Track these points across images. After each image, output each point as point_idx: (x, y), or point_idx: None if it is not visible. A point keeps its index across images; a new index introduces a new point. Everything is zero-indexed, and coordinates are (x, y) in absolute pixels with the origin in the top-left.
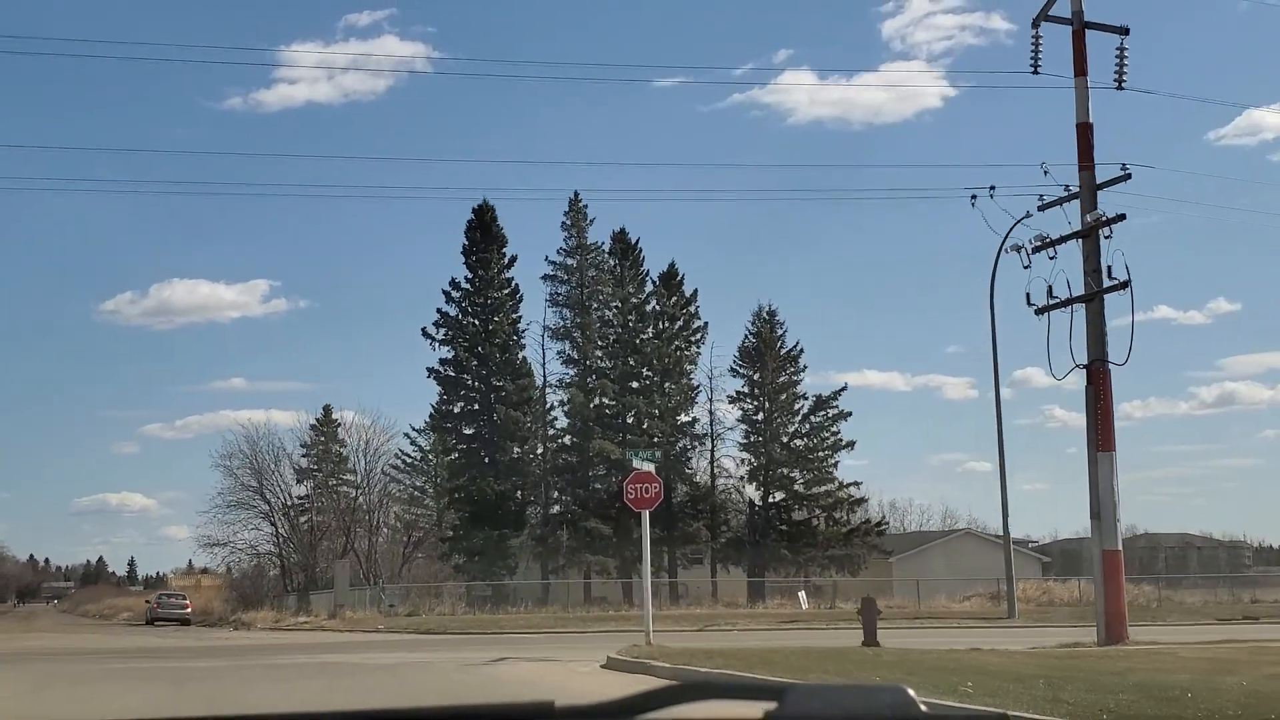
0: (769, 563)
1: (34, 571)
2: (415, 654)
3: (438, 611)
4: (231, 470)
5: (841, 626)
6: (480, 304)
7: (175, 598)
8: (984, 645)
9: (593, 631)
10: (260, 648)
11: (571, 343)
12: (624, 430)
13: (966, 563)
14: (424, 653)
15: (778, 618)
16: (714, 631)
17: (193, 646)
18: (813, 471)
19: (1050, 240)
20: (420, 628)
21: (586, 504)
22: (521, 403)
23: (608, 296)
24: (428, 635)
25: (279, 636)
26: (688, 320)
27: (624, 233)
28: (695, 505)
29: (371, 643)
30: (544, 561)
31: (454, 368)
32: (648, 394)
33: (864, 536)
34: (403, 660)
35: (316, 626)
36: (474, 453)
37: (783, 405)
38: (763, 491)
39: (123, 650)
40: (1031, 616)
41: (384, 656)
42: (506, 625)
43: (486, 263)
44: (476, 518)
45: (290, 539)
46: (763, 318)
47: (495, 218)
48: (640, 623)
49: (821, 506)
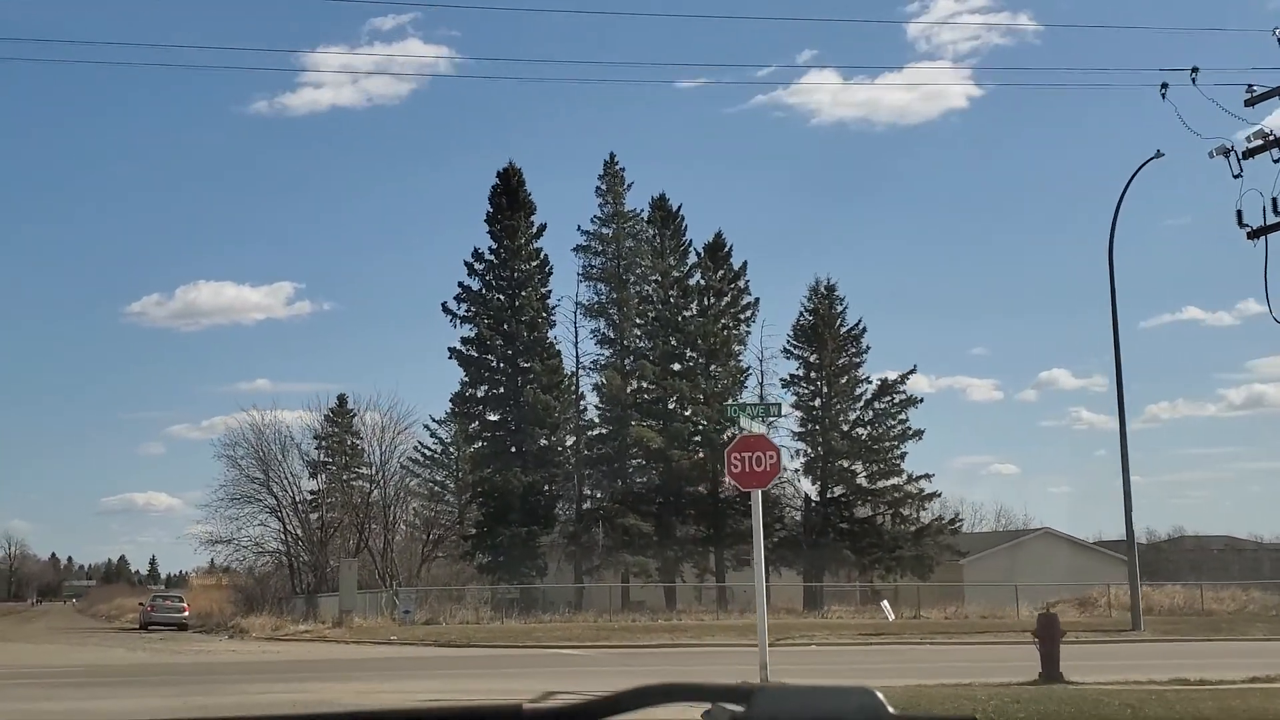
0: (827, 565)
1: (55, 570)
2: (431, 682)
3: (459, 619)
4: (236, 461)
5: (940, 641)
6: (506, 277)
7: (171, 600)
8: (1187, 675)
9: (645, 647)
10: (236, 668)
11: (606, 320)
12: (664, 417)
13: (1045, 566)
14: (441, 680)
15: (857, 629)
16: (791, 647)
17: (147, 664)
18: (877, 463)
19: (1276, 138)
20: (440, 638)
21: (624, 498)
22: (551, 386)
23: (646, 269)
24: (448, 648)
25: (271, 649)
26: (736, 296)
27: (664, 199)
28: (744, 501)
29: (378, 661)
30: (577, 562)
31: (477, 347)
32: (691, 377)
33: (935, 535)
34: (410, 696)
35: (319, 636)
36: (499, 441)
37: (843, 390)
38: (820, 486)
39: (50, 672)
40: (1158, 629)
41: (388, 688)
42: (540, 636)
43: (513, 232)
44: (502, 513)
45: (300, 537)
46: (820, 293)
47: (523, 182)
48: (700, 634)
49: (887, 502)
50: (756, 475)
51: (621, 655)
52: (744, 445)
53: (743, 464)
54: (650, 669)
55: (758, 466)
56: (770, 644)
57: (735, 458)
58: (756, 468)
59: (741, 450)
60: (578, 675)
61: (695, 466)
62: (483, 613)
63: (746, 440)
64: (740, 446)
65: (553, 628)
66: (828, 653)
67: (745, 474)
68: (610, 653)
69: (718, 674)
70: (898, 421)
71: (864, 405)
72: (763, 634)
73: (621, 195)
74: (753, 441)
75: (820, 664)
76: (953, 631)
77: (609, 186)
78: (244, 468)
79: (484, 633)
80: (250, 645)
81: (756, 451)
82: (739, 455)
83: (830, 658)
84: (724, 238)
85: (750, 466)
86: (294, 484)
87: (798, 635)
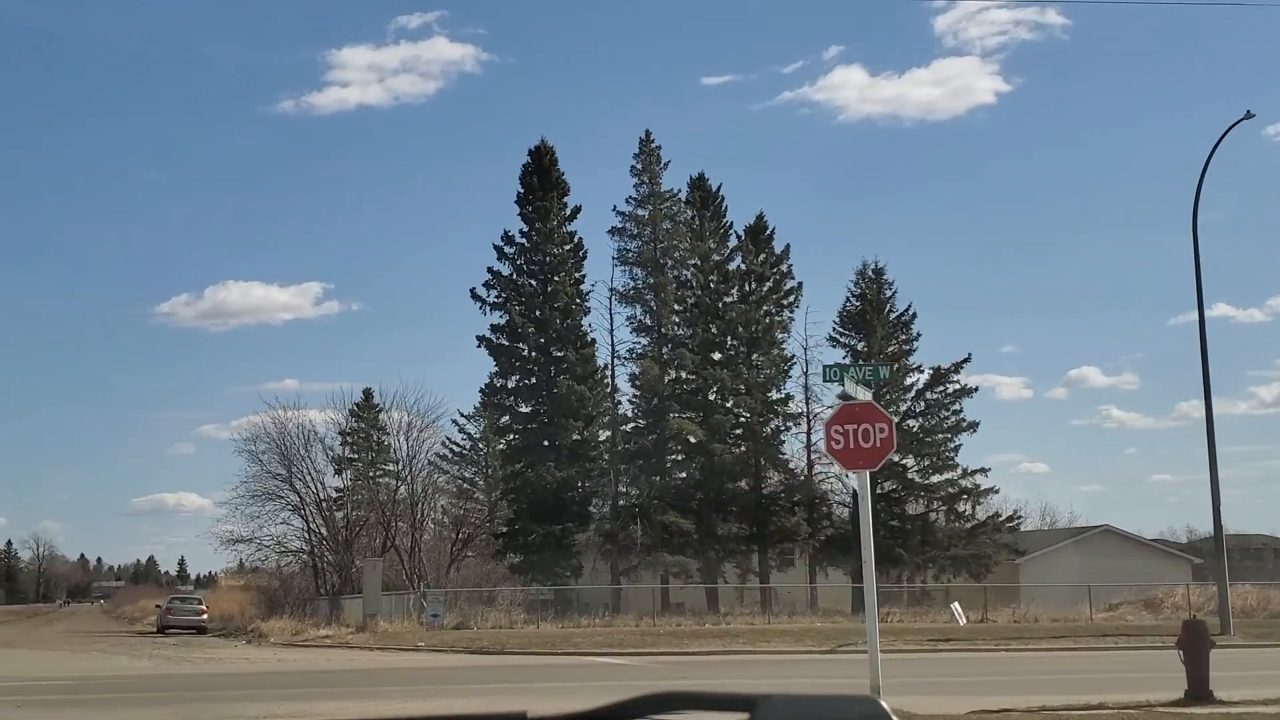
0: (878, 565)
1: (84, 571)
2: (462, 700)
3: (491, 623)
4: (257, 456)
5: (1017, 648)
6: (538, 261)
7: (189, 602)
8: None
9: (694, 655)
10: (243, 680)
11: (643, 307)
12: (704, 409)
13: (1106, 565)
14: (474, 697)
15: (923, 634)
16: (855, 654)
17: (147, 674)
18: (930, 457)
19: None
20: (471, 644)
21: (663, 494)
22: (585, 376)
23: (685, 253)
24: (481, 655)
25: (288, 657)
26: (778, 281)
27: (703, 178)
28: (789, 497)
29: (402, 671)
30: (613, 562)
31: (507, 335)
32: (732, 366)
33: (992, 533)
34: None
35: (340, 641)
36: (531, 434)
37: (893, 380)
38: (870, 481)
39: (35, 686)
40: (1248, 633)
41: (412, 708)
42: (580, 642)
43: (545, 214)
44: (534, 510)
45: (325, 536)
46: (868, 277)
47: (555, 161)
48: (752, 640)
49: (941, 498)
50: (863, 453)
51: (673, 665)
52: (847, 416)
53: (845, 439)
54: (714, 683)
55: (865, 442)
56: (829, 650)
57: (837, 431)
58: (863, 443)
59: (844, 422)
60: (629, 691)
61: (737, 461)
62: (515, 615)
63: (850, 410)
64: (843, 417)
65: (592, 633)
66: (907, 662)
67: (849, 451)
68: (660, 662)
69: (798, 688)
70: (951, 413)
71: (915, 396)
72: (874, 647)
73: (658, 175)
74: (858, 411)
75: (917, 676)
76: (1027, 636)
77: (645, 165)
78: (265, 463)
79: (518, 638)
80: (266, 652)
81: (864, 423)
82: (841, 428)
83: (919, 669)
84: (765, 220)
85: (855, 442)
86: (318, 480)
87: (859, 641)
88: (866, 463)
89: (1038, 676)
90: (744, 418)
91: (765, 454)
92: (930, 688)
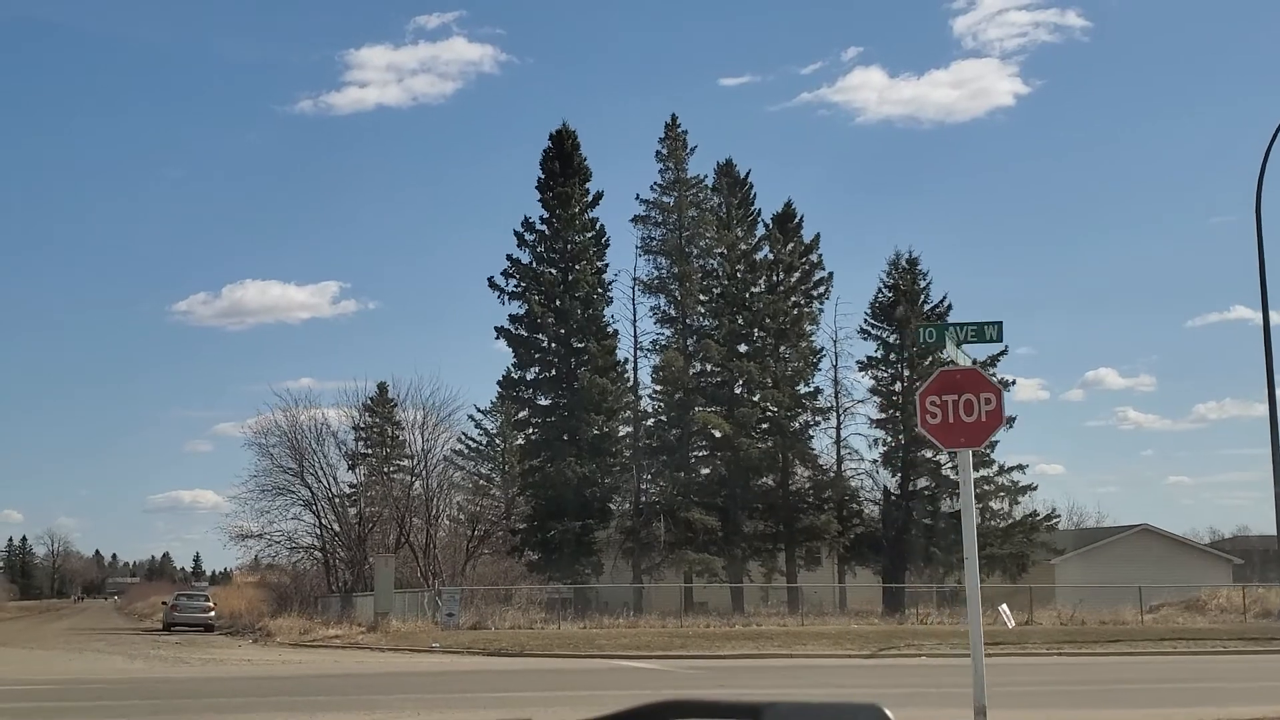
0: (910, 564)
1: (99, 567)
2: (480, 712)
3: (509, 623)
4: (267, 450)
5: (1071, 652)
6: (559, 249)
7: (196, 599)
8: None
9: (727, 658)
10: (240, 685)
11: (667, 297)
12: (730, 402)
13: (1144, 565)
14: (493, 708)
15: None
16: (898, 659)
17: (136, 678)
18: None
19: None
20: (488, 645)
21: (687, 490)
22: (607, 368)
23: (711, 242)
24: (498, 658)
25: (293, 658)
26: (808, 271)
27: (731, 164)
28: (818, 494)
29: (415, 676)
30: (635, 560)
31: (526, 326)
32: (759, 359)
33: (1030, 532)
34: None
35: (350, 641)
36: (550, 428)
37: (927, 373)
38: (901, 478)
39: (13, 692)
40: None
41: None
42: (604, 644)
43: (566, 200)
44: (554, 506)
45: (338, 532)
46: (901, 267)
47: (577, 145)
48: (787, 643)
49: (976, 496)
50: (965, 428)
51: (708, 672)
52: (946, 384)
53: (944, 411)
54: (759, 694)
55: (967, 415)
56: (870, 655)
57: (933, 402)
58: (965, 416)
59: (942, 390)
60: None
61: (764, 456)
62: (534, 615)
63: (949, 378)
64: (940, 386)
65: (616, 634)
66: (965, 669)
67: (947, 426)
68: (692, 667)
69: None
70: None
71: None
72: (979, 660)
73: (684, 160)
74: (960, 379)
75: (993, 685)
76: (1079, 640)
77: (670, 150)
78: (275, 457)
79: (538, 639)
80: (270, 653)
81: (965, 393)
82: (938, 399)
83: (996, 677)
84: (794, 207)
85: (956, 415)
86: (330, 475)
87: (903, 645)
88: (969, 439)
89: (1126, 686)
90: (771, 412)
91: (793, 449)
92: (1021, 699)
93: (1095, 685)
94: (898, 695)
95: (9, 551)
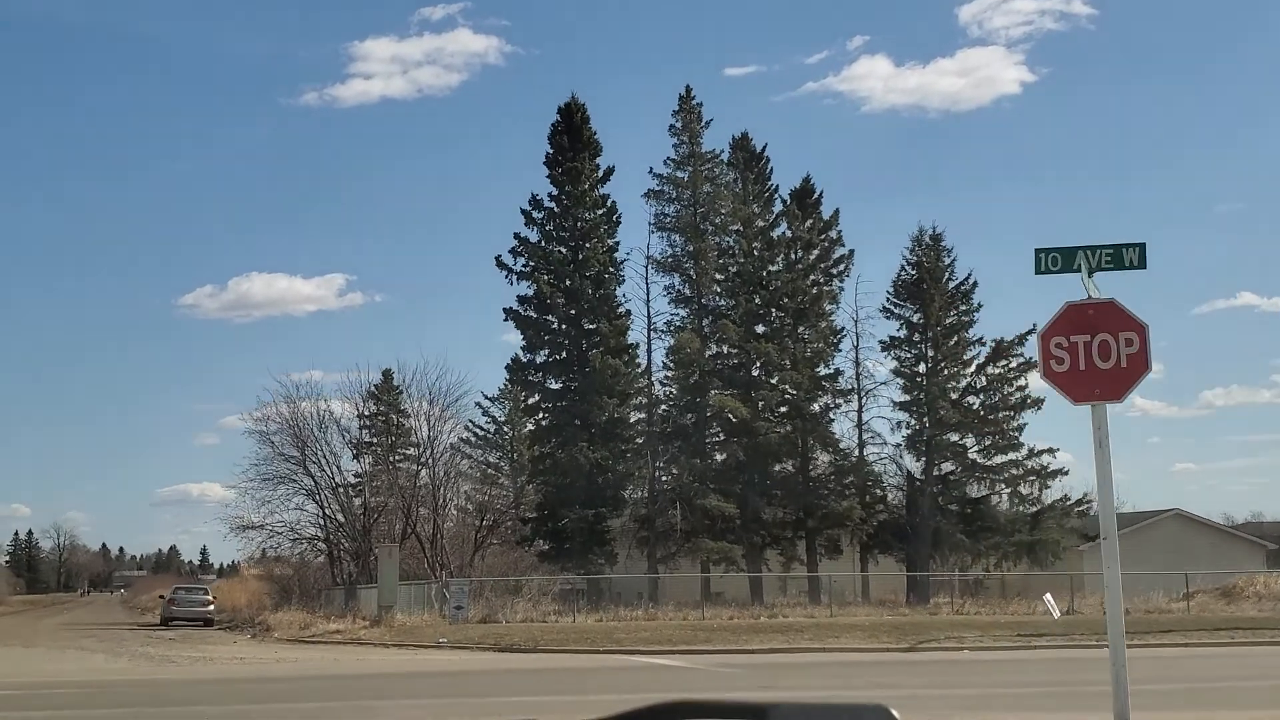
0: (935, 551)
1: (105, 561)
2: (499, 717)
3: (521, 616)
4: (268, 437)
5: (1134, 643)
6: (569, 227)
7: (195, 592)
8: None
9: (755, 653)
10: (225, 690)
11: (682, 276)
12: (747, 385)
13: (1178, 552)
14: (510, 716)
15: (1012, 629)
16: (939, 652)
17: (113, 680)
18: (992, 436)
19: None
20: (499, 640)
21: (703, 476)
22: (620, 350)
23: (727, 218)
24: (510, 654)
25: (290, 656)
26: (827, 248)
27: (747, 138)
28: (839, 479)
29: (420, 677)
30: (650, 549)
31: (536, 307)
32: (778, 339)
33: (1060, 518)
34: None
35: (352, 637)
36: (561, 413)
37: (951, 353)
38: (926, 462)
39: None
40: None
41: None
42: (622, 638)
43: (575, 175)
44: (565, 494)
45: (342, 523)
46: (925, 243)
47: (587, 119)
48: (819, 636)
49: (1004, 480)
50: (1100, 377)
51: (746, 670)
52: (1076, 322)
53: (1072, 356)
54: (812, 696)
55: (1103, 360)
56: (909, 648)
57: (1058, 346)
58: (1101, 362)
59: (1070, 331)
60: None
61: (783, 440)
62: (546, 607)
63: (1079, 314)
64: (1067, 324)
65: (634, 627)
66: (1027, 663)
67: (1078, 375)
68: (726, 665)
69: (941, 705)
70: (1015, 388)
71: (976, 370)
72: (1119, 661)
73: (699, 134)
74: (1093, 315)
75: (1083, 684)
76: (1131, 631)
77: (685, 124)
78: (277, 445)
79: (552, 633)
80: (266, 650)
81: (1101, 332)
82: (1065, 341)
83: (1056, 672)
84: (813, 182)
85: (1088, 359)
86: (333, 464)
87: (941, 637)
88: (1106, 392)
89: (1233, 682)
90: (790, 394)
91: (813, 433)
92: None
93: (1187, 682)
94: (972, 697)
95: (15, 545)
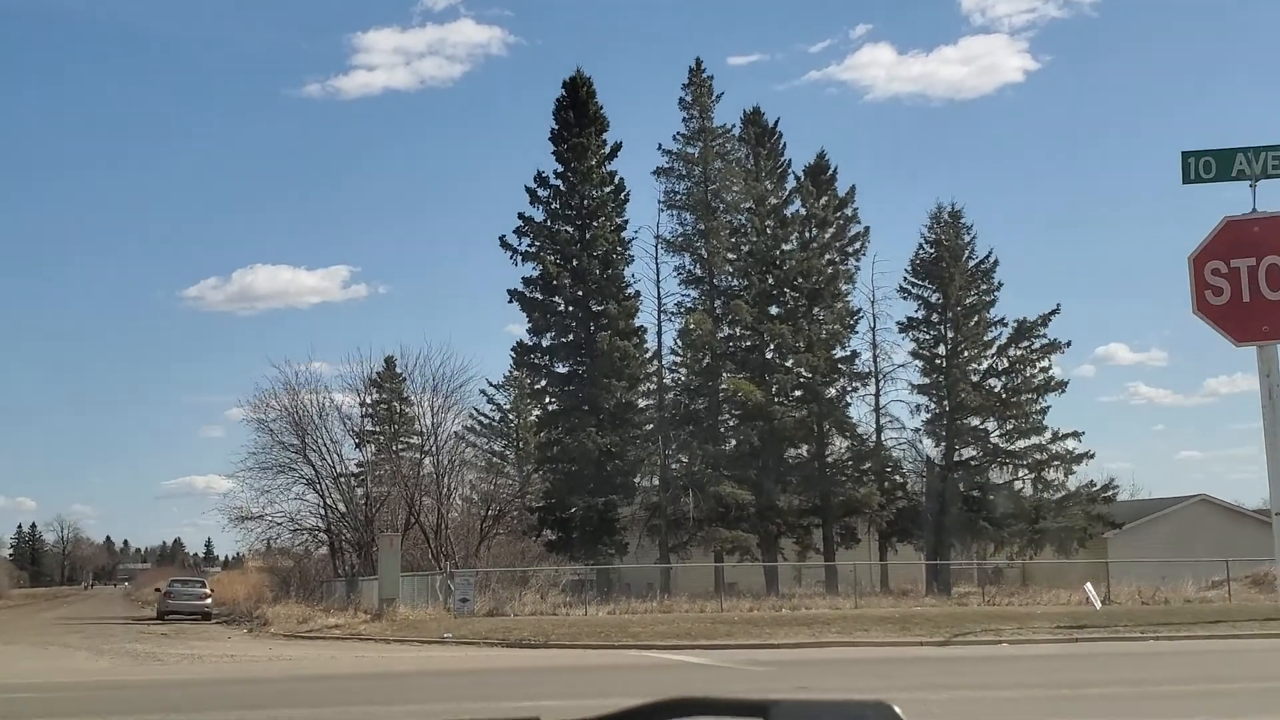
0: (956, 539)
1: (109, 553)
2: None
3: (530, 609)
4: (267, 425)
5: (1170, 635)
6: (575, 205)
7: (191, 585)
8: None
9: (783, 646)
10: (207, 693)
11: (692, 255)
12: (761, 368)
13: (1204, 538)
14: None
15: (1051, 620)
16: (974, 645)
17: (86, 682)
18: (1014, 420)
19: None
20: (507, 635)
21: (716, 462)
22: (629, 332)
23: (738, 196)
24: (519, 650)
25: (284, 653)
26: (842, 226)
27: (759, 113)
28: (857, 465)
29: (422, 678)
30: (662, 538)
31: (541, 288)
32: (792, 321)
33: (1086, 504)
34: None
35: (352, 632)
36: (569, 397)
37: (972, 334)
38: (946, 447)
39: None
40: None
41: None
42: (638, 632)
43: (582, 152)
44: (573, 481)
45: (344, 513)
46: (943, 220)
47: (593, 93)
48: (847, 629)
49: (1027, 465)
50: (1269, 310)
51: (779, 668)
52: (1236, 243)
53: (1233, 285)
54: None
55: (1271, 289)
56: (944, 642)
57: (1215, 273)
58: (1269, 291)
59: (1230, 254)
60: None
61: (799, 425)
62: (555, 599)
63: (1243, 232)
64: (1226, 246)
65: (649, 620)
66: (1089, 657)
67: (1239, 308)
68: (754, 662)
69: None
70: (1039, 370)
71: (997, 352)
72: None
73: (710, 108)
74: (1258, 232)
75: (1185, 683)
76: (1175, 622)
77: (695, 98)
78: (276, 432)
79: (563, 627)
80: (260, 646)
81: (1270, 255)
82: (1224, 266)
83: (1126, 669)
84: (827, 158)
85: (1253, 290)
86: (334, 452)
87: (978, 630)
88: (1275, 328)
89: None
90: (805, 377)
91: (829, 417)
92: (1234, 702)
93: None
94: (1051, 699)
95: (19, 539)
